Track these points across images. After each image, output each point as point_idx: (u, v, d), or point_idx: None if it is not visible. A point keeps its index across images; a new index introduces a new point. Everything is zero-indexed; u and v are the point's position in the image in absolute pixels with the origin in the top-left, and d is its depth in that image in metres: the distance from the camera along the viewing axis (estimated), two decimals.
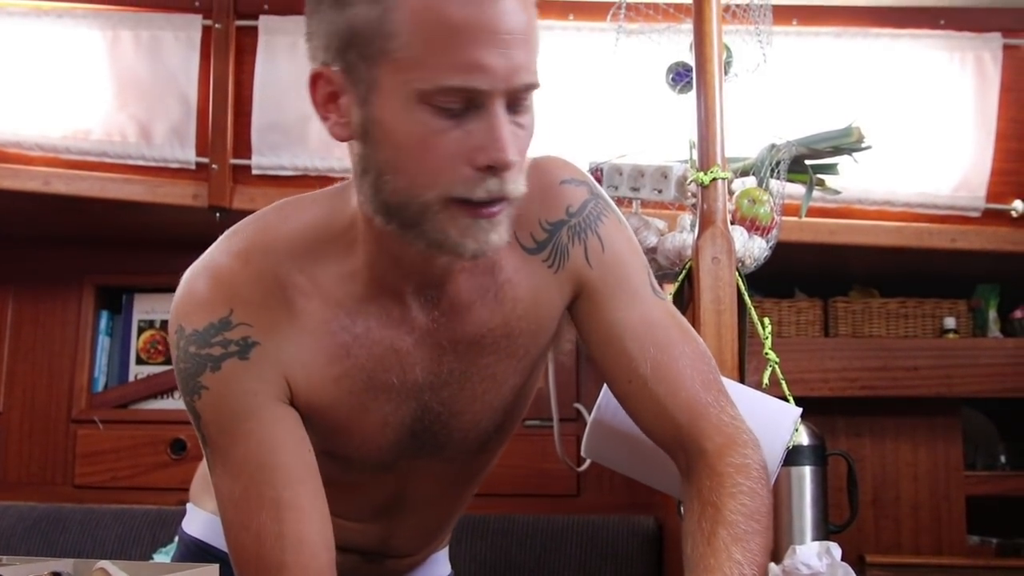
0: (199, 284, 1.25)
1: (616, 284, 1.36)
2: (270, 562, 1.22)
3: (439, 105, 1.10)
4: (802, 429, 2.50)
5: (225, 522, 1.26)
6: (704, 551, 1.20)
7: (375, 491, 1.42)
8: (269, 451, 1.23)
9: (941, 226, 2.83)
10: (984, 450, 3.20)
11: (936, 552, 2.95)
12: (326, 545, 1.25)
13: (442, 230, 1.15)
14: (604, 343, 1.36)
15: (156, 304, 3.19)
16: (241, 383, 1.23)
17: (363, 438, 1.32)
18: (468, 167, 1.12)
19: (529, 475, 2.86)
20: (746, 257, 2.08)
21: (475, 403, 1.37)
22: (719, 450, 1.29)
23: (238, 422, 1.23)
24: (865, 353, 2.89)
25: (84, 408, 3.10)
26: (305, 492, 1.25)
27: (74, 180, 2.83)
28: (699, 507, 1.25)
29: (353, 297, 1.27)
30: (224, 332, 1.23)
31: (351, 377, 1.28)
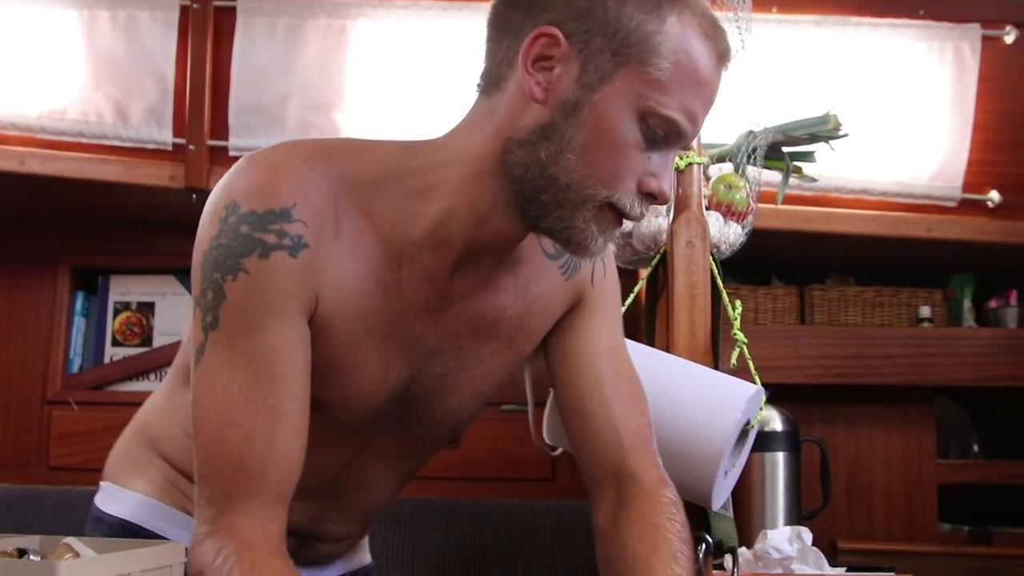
0: (264, 171, 1.22)
1: (604, 309, 1.47)
2: (250, 467, 1.19)
3: (651, 126, 1.21)
4: (776, 415, 2.51)
5: (205, 414, 1.21)
6: (648, 561, 1.29)
7: (330, 459, 1.40)
8: (281, 359, 1.21)
9: (917, 215, 2.84)
10: (957, 439, 3.22)
11: (908, 539, 2.97)
12: (297, 476, 1.23)
13: (586, 223, 1.23)
14: (575, 356, 1.44)
15: (132, 285, 3.18)
16: (282, 279, 1.20)
17: (358, 388, 1.31)
18: (635, 185, 1.23)
19: (504, 459, 2.86)
20: (721, 243, 2.08)
21: (466, 388, 1.40)
22: (655, 482, 1.40)
23: (263, 317, 1.20)
24: (840, 341, 2.90)
25: (59, 390, 3.09)
26: (302, 414, 1.23)
27: (50, 160, 2.81)
28: (639, 527, 1.33)
29: (406, 240, 1.27)
30: (283, 223, 1.19)
31: (377, 316, 1.27)
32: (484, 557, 2.58)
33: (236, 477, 1.19)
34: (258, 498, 1.19)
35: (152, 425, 1.51)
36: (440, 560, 2.46)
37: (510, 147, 1.24)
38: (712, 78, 1.23)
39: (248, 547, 1.15)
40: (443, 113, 1.36)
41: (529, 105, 1.22)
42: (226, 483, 1.19)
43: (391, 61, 2.80)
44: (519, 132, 1.23)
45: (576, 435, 1.44)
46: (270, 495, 1.20)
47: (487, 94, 1.28)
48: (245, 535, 1.17)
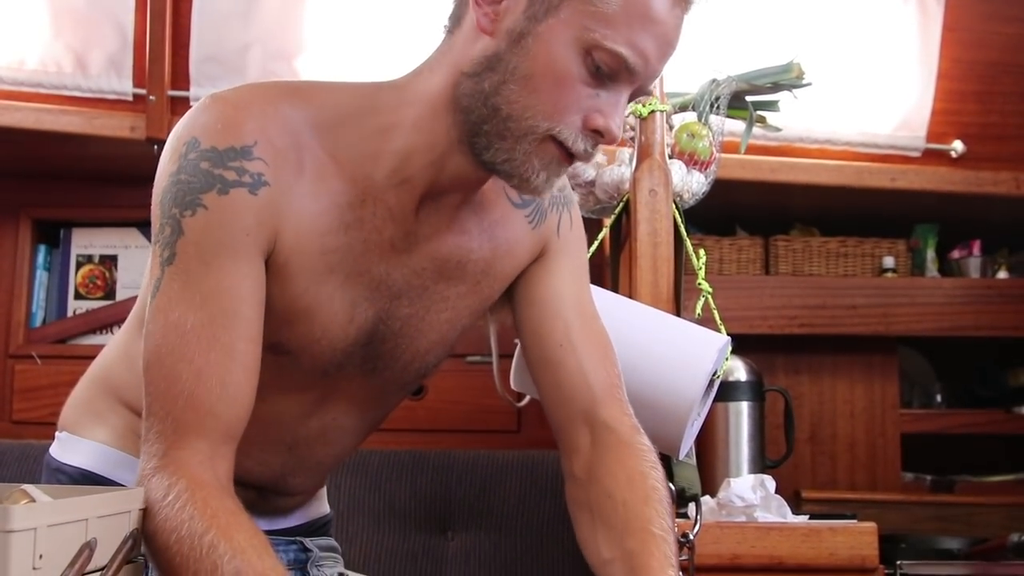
0: (227, 108, 1.22)
1: (569, 260, 1.47)
2: (201, 403, 1.18)
3: (596, 60, 1.19)
4: (740, 365, 2.53)
5: (157, 348, 1.20)
6: (643, 511, 1.28)
7: (295, 407, 1.40)
8: (238, 298, 1.20)
9: (881, 165, 2.84)
10: (920, 389, 3.25)
11: (871, 488, 3.01)
12: (247, 416, 1.23)
13: (528, 156, 1.22)
14: (542, 304, 1.44)
15: (94, 238, 3.14)
16: (240, 216, 1.20)
17: (322, 328, 1.30)
18: (580, 120, 1.21)
19: (469, 411, 2.86)
20: (684, 191, 2.09)
21: (432, 331, 1.40)
22: (630, 431, 1.39)
23: (221, 255, 1.20)
24: (804, 291, 2.92)
25: (21, 343, 3.06)
26: (254, 353, 1.22)
27: (8, 111, 2.76)
28: (624, 475, 1.33)
29: (369, 179, 1.27)
30: (243, 160, 1.20)
31: (338, 256, 1.27)
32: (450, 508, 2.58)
33: (186, 412, 1.18)
34: (208, 435, 1.18)
35: (112, 372, 1.50)
36: (406, 512, 2.46)
37: (460, 80, 1.24)
38: (666, 17, 1.21)
39: (200, 484, 1.15)
40: (404, 59, 1.35)
41: (479, 37, 1.23)
42: (176, 418, 1.18)
43: (351, 8, 2.77)
44: (468, 65, 1.24)
45: (545, 385, 1.43)
46: (220, 433, 1.19)
47: (449, 32, 1.29)
48: (195, 472, 1.16)
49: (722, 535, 2.07)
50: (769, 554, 2.07)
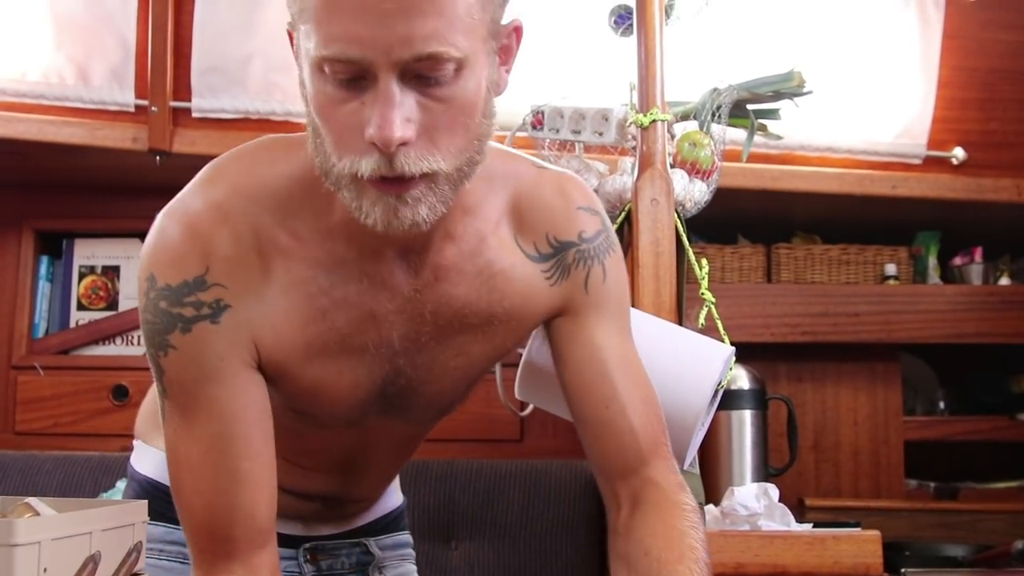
0: (175, 234, 1.22)
1: (607, 313, 1.40)
2: (219, 533, 1.23)
3: (330, 73, 1.09)
4: (743, 373, 2.53)
5: (175, 479, 1.25)
6: (676, 569, 1.24)
7: (338, 445, 1.43)
8: (231, 419, 1.22)
9: (882, 173, 2.85)
10: (923, 396, 3.25)
11: (874, 495, 3.01)
12: (272, 520, 1.27)
13: (354, 200, 1.15)
14: (585, 365, 1.39)
15: (97, 249, 3.14)
16: (210, 347, 1.21)
17: (332, 399, 1.31)
18: (364, 144, 1.10)
19: (473, 421, 2.86)
20: (687, 200, 2.09)
21: (445, 377, 1.38)
22: (675, 489, 1.36)
23: (202, 386, 1.22)
24: (806, 299, 2.92)
25: (24, 354, 3.06)
26: (261, 465, 1.24)
27: (11, 123, 2.77)
28: (663, 531, 1.30)
29: (333, 257, 1.25)
30: (198, 292, 1.20)
31: (325, 340, 1.26)
32: (453, 517, 2.59)
33: (211, 542, 1.23)
34: (235, 556, 1.23)
35: None
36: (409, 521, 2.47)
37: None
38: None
39: None
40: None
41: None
42: (202, 548, 1.24)
43: None
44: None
45: (591, 441, 1.40)
46: (246, 550, 1.23)
47: None
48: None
49: (726, 544, 2.07)
50: (773, 563, 2.07)
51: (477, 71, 1.13)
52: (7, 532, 0.88)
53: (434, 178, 1.13)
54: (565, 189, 1.39)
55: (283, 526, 1.50)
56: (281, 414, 1.31)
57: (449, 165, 1.13)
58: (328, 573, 1.56)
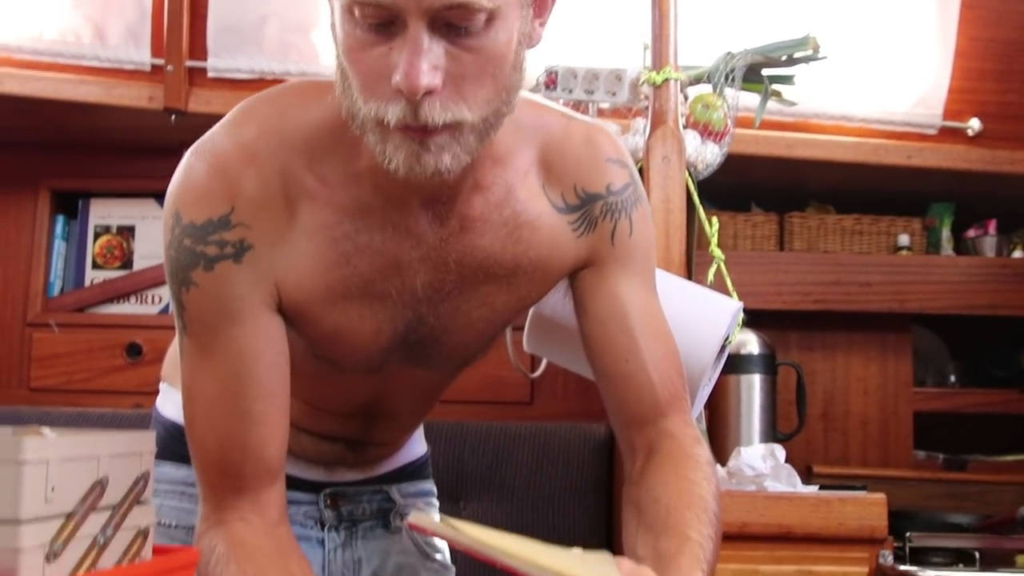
0: (201, 172, 1.22)
1: (632, 267, 1.40)
2: (229, 470, 1.25)
3: (360, 16, 1.09)
4: (753, 338, 2.54)
5: (189, 415, 1.27)
6: (685, 516, 1.24)
7: (360, 389, 1.44)
8: (248, 360, 1.24)
9: (898, 143, 2.84)
10: (935, 369, 3.24)
11: (883, 466, 3.01)
12: (282, 460, 1.28)
13: (378, 144, 1.15)
14: (607, 318, 1.38)
15: (112, 209, 3.16)
16: (232, 286, 1.22)
17: (353, 345, 1.32)
18: (392, 90, 1.10)
19: (483, 382, 2.87)
20: (699, 162, 2.09)
21: (469, 328, 1.38)
22: (691, 442, 1.36)
23: (222, 325, 1.23)
24: (819, 267, 2.92)
25: (39, 312, 3.09)
26: (274, 407, 1.26)
27: (27, 81, 2.79)
28: (675, 481, 1.30)
29: (359, 203, 1.25)
30: (222, 232, 1.21)
31: (347, 285, 1.27)
32: (462, 478, 2.60)
33: (220, 478, 1.25)
34: (244, 492, 1.25)
35: None
36: None
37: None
38: None
39: (237, 544, 1.22)
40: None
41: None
42: (213, 483, 1.26)
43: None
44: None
45: (610, 394, 1.40)
46: (255, 487, 1.25)
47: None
48: (235, 532, 1.23)
49: (732, 504, 2.08)
50: (778, 523, 2.08)
51: (509, 22, 1.13)
52: (15, 449, 0.89)
53: (459, 128, 1.13)
54: (595, 140, 1.38)
55: (304, 471, 1.52)
56: (303, 359, 1.32)
57: (475, 116, 1.13)
58: (349, 519, 1.57)
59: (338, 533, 1.56)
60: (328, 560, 1.54)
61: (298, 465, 1.50)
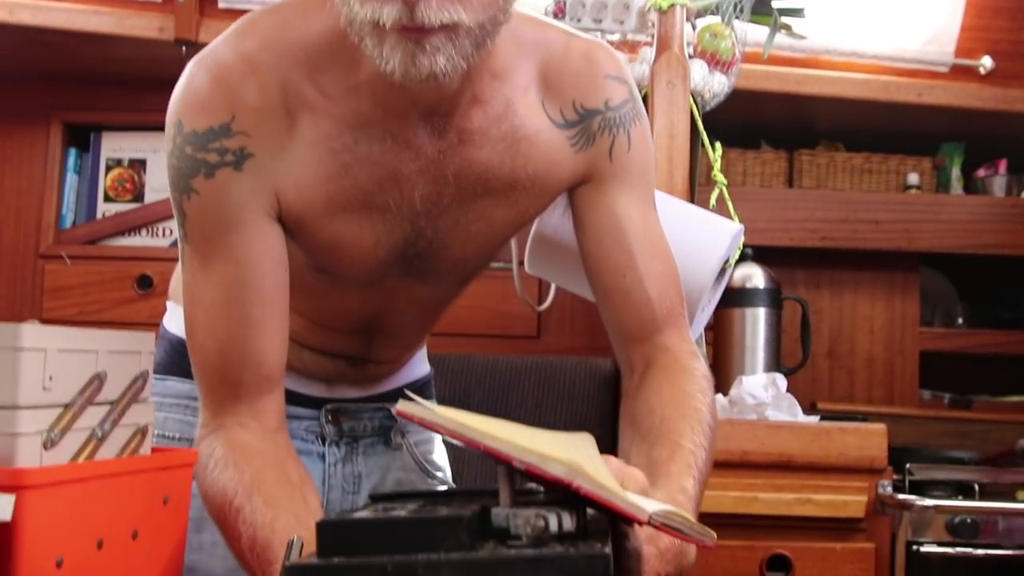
0: (203, 82, 1.23)
1: (630, 183, 1.39)
2: (228, 375, 1.26)
3: None
4: (759, 273, 2.55)
5: (190, 322, 1.29)
6: (678, 425, 1.25)
7: (361, 304, 1.44)
8: (247, 267, 1.25)
9: (908, 80, 2.83)
10: (942, 311, 3.24)
11: (888, 404, 3.01)
12: (281, 368, 1.29)
13: (375, 47, 1.14)
14: (604, 233, 1.38)
15: (124, 142, 3.18)
16: (232, 194, 1.23)
17: (352, 257, 1.33)
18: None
19: (490, 317, 2.89)
20: (705, 91, 2.09)
21: (467, 241, 1.38)
22: (687, 356, 1.36)
23: (222, 232, 1.24)
24: (827, 205, 2.92)
25: (52, 244, 3.11)
26: (273, 314, 1.27)
27: (40, 11, 2.79)
28: (669, 391, 1.30)
29: (358, 115, 1.25)
30: (223, 139, 1.22)
31: (347, 196, 1.27)
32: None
33: (220, 384, 1.26)
34: (243, 398, 1.26)
35: None
36: None
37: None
38: None
39: (236, 448, 1.23)
40: None
41: None
42: (213, 389, 1.27)
43: None
44: None
45: (607, 309, 1.40)
46: (253, 393, 1.26)
47: None
48: (233, 436, 1.24)
49: (733, 432, 2.10)
50: (779, 452, 2.10)
51: None
52: (13, 336, 0.90)
53: (455, 30, 1.12)
54: (594, 57, 1.38)
55: (306, 387, 1.53)
56: (303, 272, 1.33)
57: (471, 19, 1.13)
58: (350, 435, 1.58)
59: (339, 448, 1.57)
60: (328, 474, 1.56)
61: (300, 381, 1.52)
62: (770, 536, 2.13)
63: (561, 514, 0.79)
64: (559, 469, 0.78)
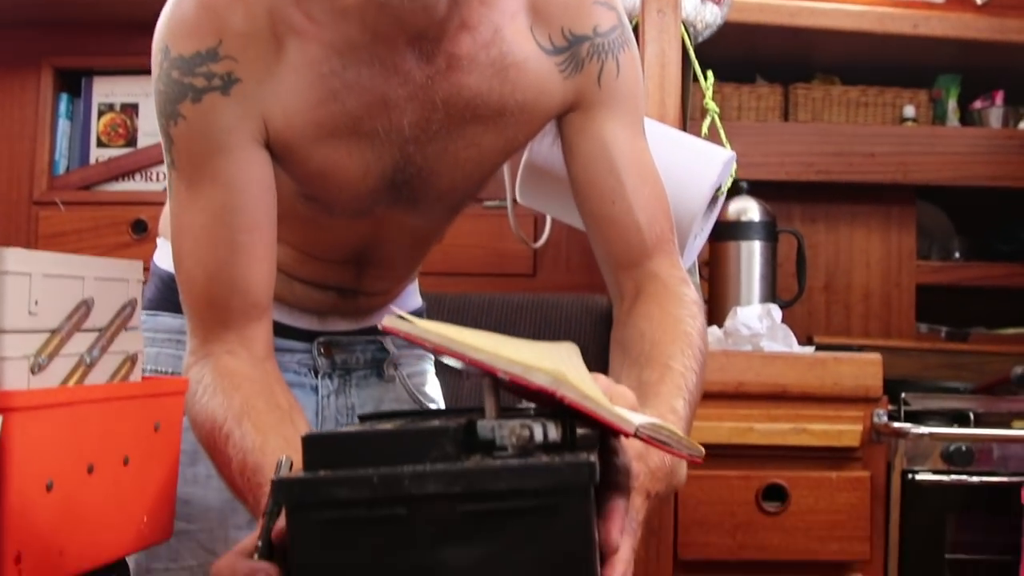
0: (190, 7, 1.23)
1: (619, 109, 1.39)
2: (216, 302, 1.26)
3: None
4: (754, 206, 2.54)
5: (178, 250, 1.28)
6: (668, 349, 1.25)
7: (350, 235, 1.44)
8: (234, 192, 1.24)
9: (904, 11, 2.80)
10: (939, 245, 3.24)
11: (885, 338, 3.02)
12: (269, 296, 1.29)
13: None
14: (594, 159, 1.38)
15: (116, 87, 3.15)
16: (219, 119, 1.23)
17: (341, 185, 1.32)
18: None
19: (486, 255, 2.88)
20: (698, 21, 2.07)
21: (456, 168, 1.38)
22: (677, 282, 1.37)
23: (210, 157, 1.24)
24: (823, 139, 2.90)
25: (45, 190, 3.09)
26: (261, 240, 1.27)
27: None
28: (659, 316, 1.31)
29: (347, 40, 1.24)
30: (210, 63, 1.21)
31: (335, 122, 1.27)
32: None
33: (208, 311, 1.27)
34: (231, 325, 1.26)
35: None
36: None
37: None
38: None
39: (224, 374, 1.23)
40: None
41: None
42: (201, 316, 1.27)
43: None
44: None
45: (597, 237, 1.40)
46: (241, 321, 1.26)
47: None
48: (222, 363, 1.25)
49: (728, 363, 2.10)
50: (774, 382, 2.10)
51: None
52: None
53: None
54: None
55: (297, 319, 1.54)
56: (292, 201, 1.33)
57: None
58: (343, 367, 1.59)
59: (331, 380, 1.58)
60: (321, 406, 1.56)
61: (291, 314, 1.52)
62: (766, 466, 2.14)
63: (547, 424, 0.79)
64: (543, 379, 0.78)
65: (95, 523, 0.99)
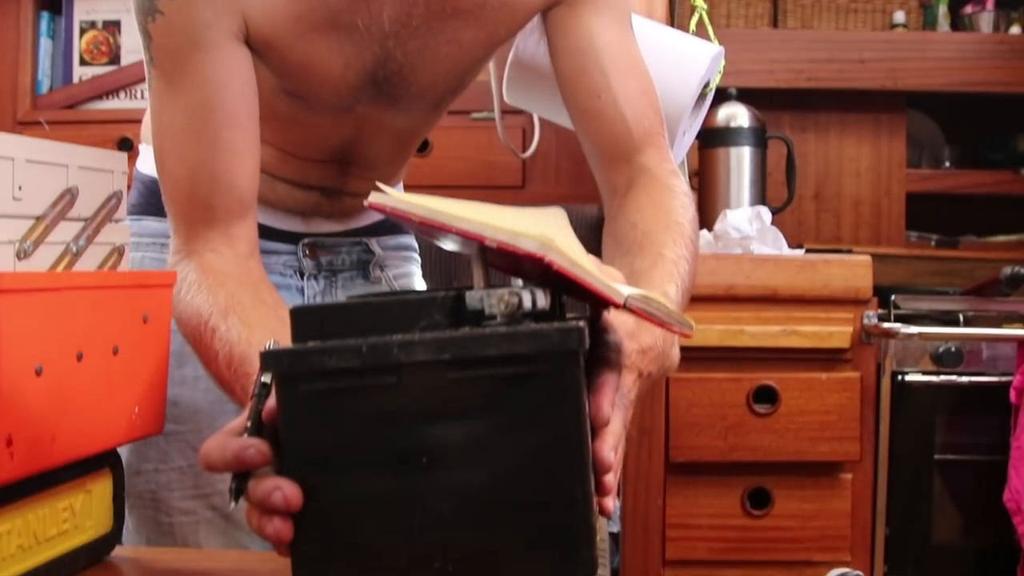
0: None
1: (604, 3, 1.37)
2: (199, 200, 1.24)
3: None
4: (743, 112, 2.53)
5: (159, 149, 1.27)
6: (660, 238, 1.24)
7: (333, 133, 1.43)
8: (215, 88, 1.22)
9: None
10: (929, 153, 3.23)
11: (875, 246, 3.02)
12: (252, 192, 1.28)
13: None
14: (579, 54, 1.36)
15: (97, 3, 3.12)
16: (198, 13, 1.20)
17: (322, 78, 1.31)
18: None
19: (474, 167, 2.87)
20: None
21: (437, 63, 1.36)
22: (667, 174, 1.35)
23: (189, 52, 1.21)
24: (812, 45, 2.88)
25: (29, 110, 3.08)
26: (243, 136, 1.25)
27: None
28: (651, 207, 1.29)
29: None
30: None
31: (315, 16, 1.25)
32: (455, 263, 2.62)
33: (190, 209, 1.25)
34: (214, 224, 1.24)
35: None
36: None
37: None
38: None
39: (208, 271, 1.22)
40: None
41: None
42: (184, 215, 1.26)
43: None
44: None
45: (585, 133, 1.39)
46: (224, 219, 1.25)
47: None
48: (206, 260, 1.23)
49: (718, 266, 2.10)
50: (764, 284, 2.11)
51: None
52: None
53: None
54: None
55: (281, 221, 1.53)
56: (273, 97, 1.31)
57: None
58: (328, 269, 1.58)
59: (317, 281, 1.57)
60: None
61: (275, 215, 1.51)
62: (756, 368, 2.15)
63: (535, 292, 0.79)
64: (531, 244, 0.77)
65: (86, 411, 0.99)
